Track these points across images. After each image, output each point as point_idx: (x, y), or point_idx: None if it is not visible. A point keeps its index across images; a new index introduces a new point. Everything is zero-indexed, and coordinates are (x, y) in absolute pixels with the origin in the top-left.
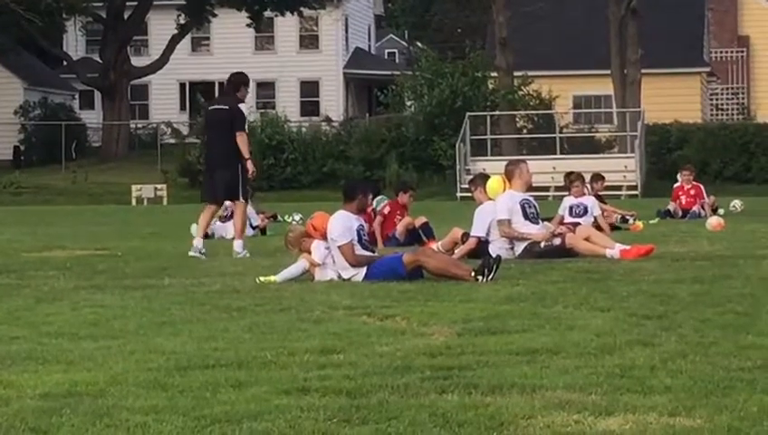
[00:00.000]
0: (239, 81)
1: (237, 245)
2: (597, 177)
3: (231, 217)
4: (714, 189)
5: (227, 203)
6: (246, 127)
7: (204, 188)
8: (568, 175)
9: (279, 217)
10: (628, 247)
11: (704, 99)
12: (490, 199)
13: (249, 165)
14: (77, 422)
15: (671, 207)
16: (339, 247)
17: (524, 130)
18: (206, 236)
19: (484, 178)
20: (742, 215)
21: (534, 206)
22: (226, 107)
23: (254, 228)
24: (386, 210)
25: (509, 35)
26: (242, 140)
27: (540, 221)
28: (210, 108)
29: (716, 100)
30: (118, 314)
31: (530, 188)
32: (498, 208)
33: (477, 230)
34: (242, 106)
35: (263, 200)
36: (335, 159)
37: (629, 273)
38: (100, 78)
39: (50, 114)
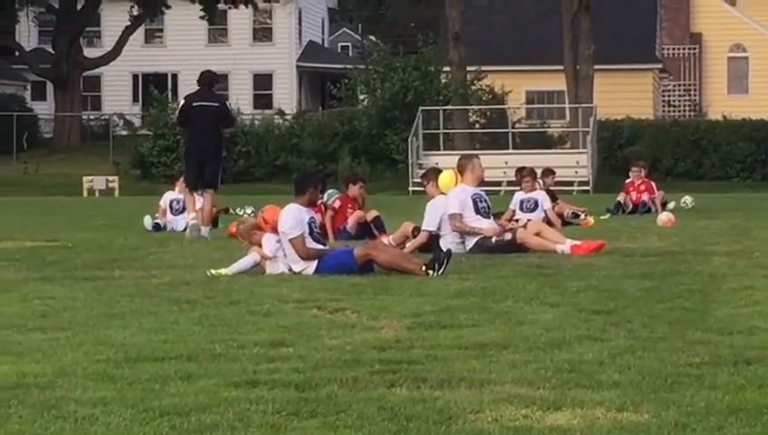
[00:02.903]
0: (213, 78)
1: (205, 230)
2: (548, 171)
3: (183, 210)
4: (665, 186)
5: (179, 196)
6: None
7: (188, 176)
8: (519, 170)
9: (231, 210)
10: (578, 243)
11: (656, 95)
12: (442, 193)
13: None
14: (25, 414)
15: (621, 197)
16: (290, 240)
17: (477, 125)
18: (156, 228)
19: (436, 172)
20: (692, 211)
21: (486, 200)
22: (216, 104)
23: None
24: (336, 204)
25: (462, 30)
26: (232, 132)
27: (491, 216)
28: (195, 104)
29: (668, 96)
30: (67, 305)
31: (482, 183)
32: (450, 202)
33: (429, 224)
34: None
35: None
36: (288, 153)
37: (580, 268)
38: (53, 69)
39: (1, 105)
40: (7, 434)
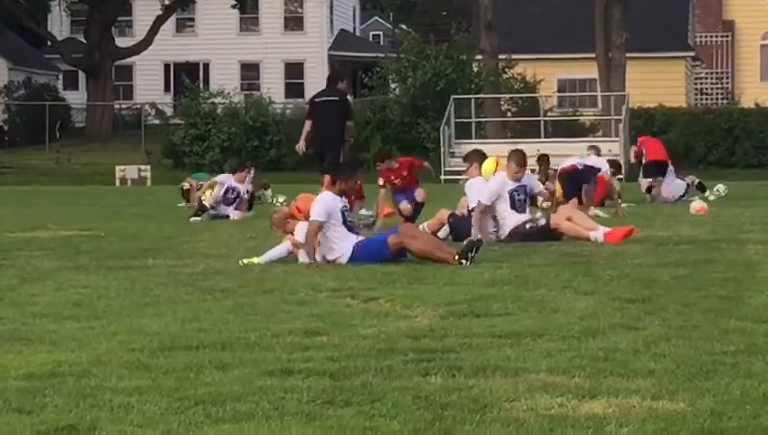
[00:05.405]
0: (339, 75)
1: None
2: (543, 158)
3: (236, 199)
4: (698, 174)
5: (238, 186)
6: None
7: (315, 162)
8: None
9: (263, 192)
10: (611, 230)
11: (688, 83)
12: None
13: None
14: (60, 403)
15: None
16: (309, 222)
17: (509, 114)
18: (200, 211)
19: (480, 154)
20: (725, 199)
21: (525, 193)
22: (336, 98)
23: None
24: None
25: (494, 18)
26: (350, 126)
27: (527, 209)
28: (318, 100)
29: (701, 84)
30: (101, 294)
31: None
32: (487, 188)
33: (473, 201)
34: (348, 97)
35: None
36: None
37: (613, 257)
38: (85, 58)
39: (34, 94)
40: (43, 423)
